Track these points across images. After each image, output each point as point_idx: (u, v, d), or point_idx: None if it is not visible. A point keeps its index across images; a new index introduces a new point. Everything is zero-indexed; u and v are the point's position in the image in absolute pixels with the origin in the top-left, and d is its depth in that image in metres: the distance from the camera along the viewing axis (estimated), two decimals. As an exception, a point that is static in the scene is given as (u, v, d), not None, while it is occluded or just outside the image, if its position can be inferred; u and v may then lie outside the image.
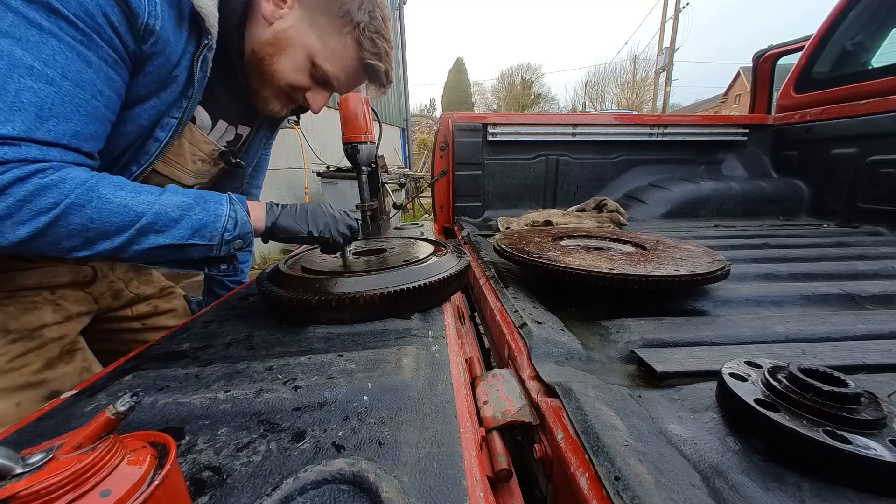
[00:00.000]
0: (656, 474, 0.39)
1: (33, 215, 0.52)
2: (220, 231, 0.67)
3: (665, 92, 19.79)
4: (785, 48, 2.41)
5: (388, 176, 5.79)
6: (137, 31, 0.58)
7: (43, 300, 0.84)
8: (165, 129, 0.71)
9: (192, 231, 0.65)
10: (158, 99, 0.67)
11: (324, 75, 0.80)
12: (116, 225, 0.59)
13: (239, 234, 0.70)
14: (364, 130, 1.23)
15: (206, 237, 0.66)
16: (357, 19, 0.76)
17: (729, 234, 1.73)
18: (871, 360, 0.63)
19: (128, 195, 0.60)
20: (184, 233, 0.64)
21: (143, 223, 0.61)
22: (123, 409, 0.27)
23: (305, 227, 0.77)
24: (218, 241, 0.68)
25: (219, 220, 0.67)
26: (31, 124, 0.51)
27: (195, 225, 0.65)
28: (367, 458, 0.40)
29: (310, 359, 0.61)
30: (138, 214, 0.60)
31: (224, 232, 0.68)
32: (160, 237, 0.63)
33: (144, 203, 0.61)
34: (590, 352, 0.70)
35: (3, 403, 0.73)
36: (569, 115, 2.53)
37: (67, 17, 0.51)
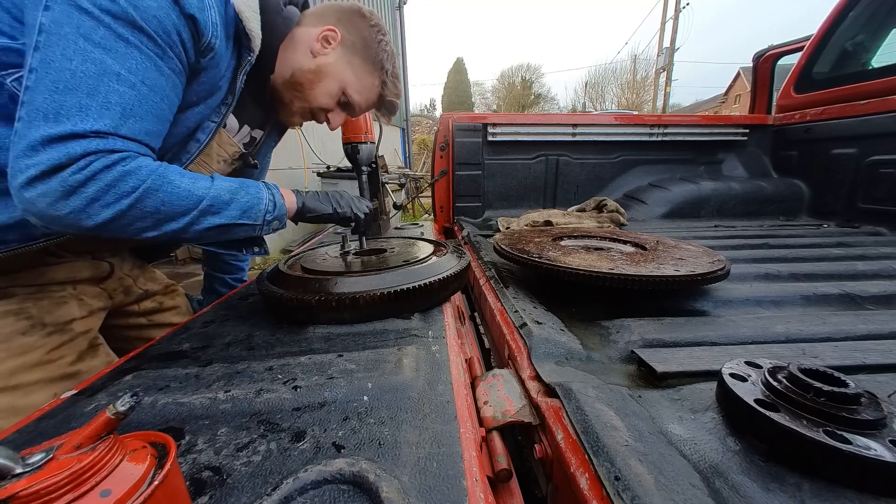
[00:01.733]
0: (656, 474, 0.39)
1: (117, 198, 0.59)
2: (262, 212, 0.76)
3: (665, 92, 19.80)
4: (785, 48, 2.41)
5: (388, 176, 5.79)
6: (200, 47, 0.67)
7: (69, 295, 0.88)
8: (206, 131, 0.80)
9: (241, 212, 0.73)
10: (205, 105, 0.76)
11: (349, 103, 0.94)
12: (182, 207, 0.66)
13: (277, 215, 0.79)
14: (364, 130, 1.23)
15: (252, 217, 0.74)
16: (385, 66, 0.94)
17: (729, 234, 1.73)
18: (871, 361, 0.63)
19: (189, 181, 0.67)
20: (235, 213, 0.72)
21: (204, 205, 0.68)
22: (123, 409, 0.27)
23: (329, 206, 0.89)
24: (261, 221, 0.76)
25: (261, 202, 0.76)
26: (118, 121, 0.58)
27: (243, 206, 0.73)
28: (367, 458, 0.40)
29: (310, 359, 0.61)
30: (199, 198, 0.68)
31: (266, 213, 0.76)
32: (216, 218, 0.70)
33: (203, 188, 0.68)
34: (590, 352, 0.70)
35: (41, 394, 0.77)
36: (569, 116, 2.53)
37: (149, 34, 0.59)
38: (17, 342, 0.76)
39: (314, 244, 1.36)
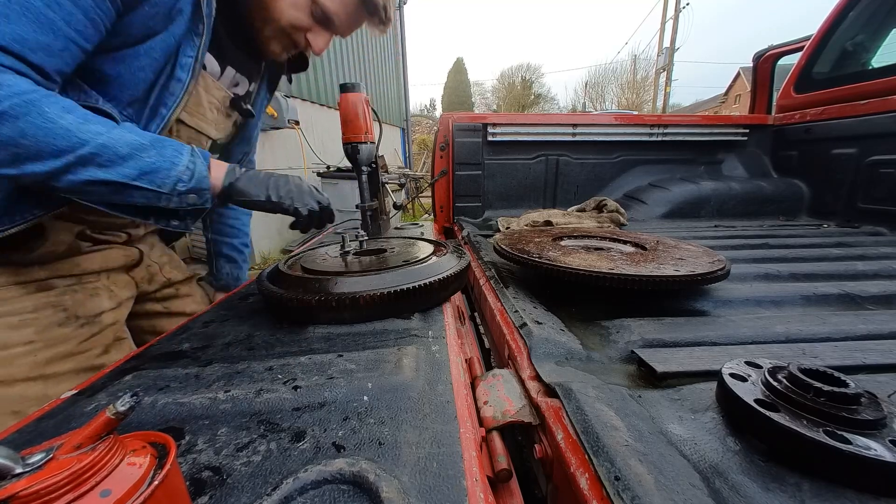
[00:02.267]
0: (656, 474, 0.39)
1: None
2: (173, 180, 0.64)
3: (665, 92, 19.79)
4: (785, 48, 2.41)
5: (388, 176, 5.79)
6: None
7: (102, 286, 0.89)
8: (185, 69, 0.71)
9: (140, 173, 0.61)
10: (168, 32, 0.67)
11: (324, 13, 0.81)
12: (52, 147, 0.55)
13: (194, 188, 0.67)
14: (364, 130, 1.23)
15: (156, 183, 0.63)
16: None
17: (729, 234, 1.73)
18: (871, 361, 0.63)
19: (74, 119, 0.57)
20: (130, 172, 0.61)
21: (84, 152, 0.57)
22: (123, 409, 0.27)
23: (265, 192, 0.75)
24: (169, 190, 0.64)
25: (174, 168, 0.64)
26: None
27: (145, 168, 0.62)
28: (367, 458, 0.40)
29: (310, 359, 0.61)
30: (81, 142, 0.57)
31: (178, 182, 0.65)
32: (101, 171, 0.59)
33: (90, 132, 0.58)
34: (590, 352, 0.70)
35: (69, 384, 0.76)
36: (569, 116, 2.53)
37: None
38: (52, 333, 0.77)
39: (314, 244, 1.36)
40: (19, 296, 0.74)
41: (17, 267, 0.75)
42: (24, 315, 0.74)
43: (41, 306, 0.77)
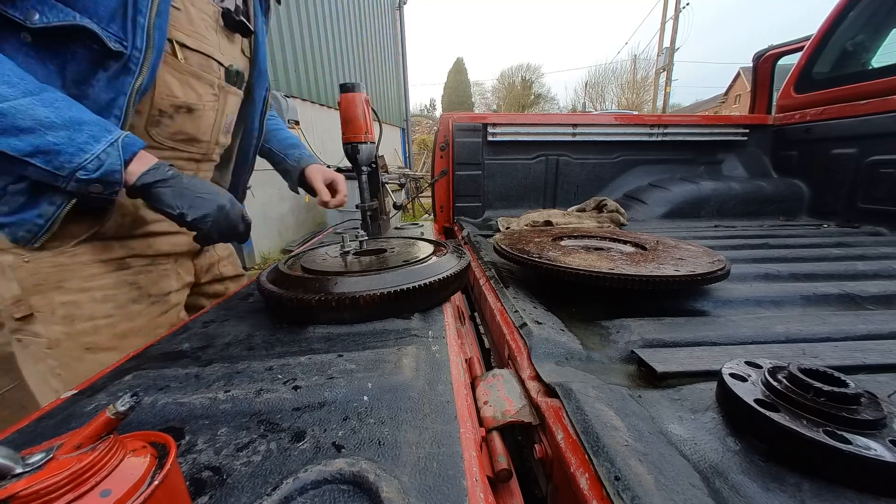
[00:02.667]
0: (656, 474, 0.39)
1: None
2: (73, 166, 0.61)
3: (665, 92, 19.79)
4: (785, 48, 2.41)
5: (388, 176, 5.79)
6: None
7: (171, 268, 0.95)
8: None
9: (35, 150, 0.58)
10: None
11: None
12: None
13: (98, 179, 0.64)
14: (364, 130, 1.23)
15: (53, 164, 0.60)
16: None
17: (729, 234, 1.73)
18: (871, 361, 0.63)
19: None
20: (22, 147, 0.57)
21: None
22: (123, 409, 0.27)
23: (180, 207, 0.72)
24: (66, 174, 0.61)
25: (79, 155, 0.61)
26: None
27: (43, 146, 0.58)
28: (367, 458, 0.40)
29: (310, 359, 0.61)
30: None
31: (79, 170, 0.61)
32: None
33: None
34: (590, 352, 0.70)
35: None
36: (569, 116, 2.53)
37: None
38: (129, 309, 0.84)
39: (314, 244, 1.36)
40: (101, 273, 0.81)
41: (98, 243, 0.81)
42: (105, 290, 0.81)
43: (119, 283, 0.83)
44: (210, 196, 0.76)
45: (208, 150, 0.97)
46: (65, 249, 0.77)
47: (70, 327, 0.79)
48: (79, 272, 0.79)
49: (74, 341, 0.79)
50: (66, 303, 0.78)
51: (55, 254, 0.77)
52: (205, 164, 1.00)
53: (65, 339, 0.79)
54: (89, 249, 0.80)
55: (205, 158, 0.99)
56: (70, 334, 0.79)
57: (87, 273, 0.79)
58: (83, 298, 0.79)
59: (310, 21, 6.57)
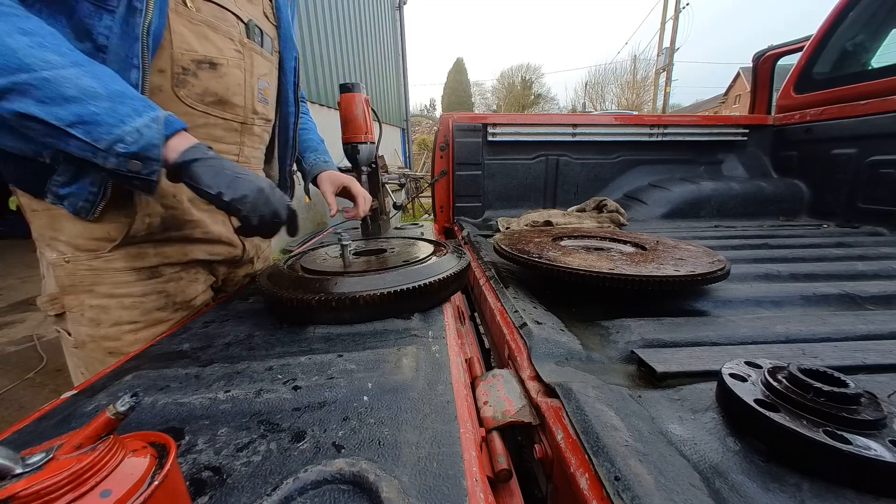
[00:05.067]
0: (656, 474, 0.39)
1: None
2: (112, 138, 0.58)
3: (665, 92, 19.79)
4: (785, 48, 2.41)
5: (388, 176, 5.79)
6: None
7: (202, 272, 0.96)
8: None
9: (78, 120, 0.56)
10: None
11: None
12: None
13: (137, 153, 0.60)
14: (364, 130, 1.23)
15: (92, 136, 0.57)
16: None
17: (729, 234, 1.73)
18: (871, 361, 0.63)
19: (25, 42, 0.53)
20: (65, 116, 0.56)
21: (21, 79, 0.53)
22: (123, 409, 0.27)
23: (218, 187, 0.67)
24: (105, 147, 0.58)
25: (120, 126, 0.58)
26: None
27: (85, 116, 0.56)
28: (367, 458, 0.40)
29: (310, 359, 0.61)
30: (21, 66, 0.52)
31: (117, 142, 0.58)
32: (35, 107, 0.54)
33: (39, 59, 0.53)
34: (590, 352, 0.70)
35: None
36: (569, 116, 2.53)
37: None
38: (153, 315, 0.86)
39: (314, 244, 1.36)
40: (133, 280, 0.83)
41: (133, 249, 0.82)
42: (134, 298, 0.83)
43: (148, 292, 0.85)
44: (249, 178, 0.71)
45: (246, 117, 0.92)
46: (101, 254, 0.79)
47: (95, 330, 0.81)
48: (111, 277, 0.81)
49: (98, 344, 0.82)
50: (95, 306, 0.80)
51: (92, 257, 0.79)
52: (248, 138, 0.95)
53: (89, 340, 0.82)
54: (124, 256, 0.81)
55: (245, 129, 0.93)
56: (94, 337, 0.81)
57: (119, 279, 0.81)
58: (112, 304, 0.81)
59: (310, 21, 6.57)
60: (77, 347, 0.82)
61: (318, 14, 6.87)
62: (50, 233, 0.77)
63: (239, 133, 0.93)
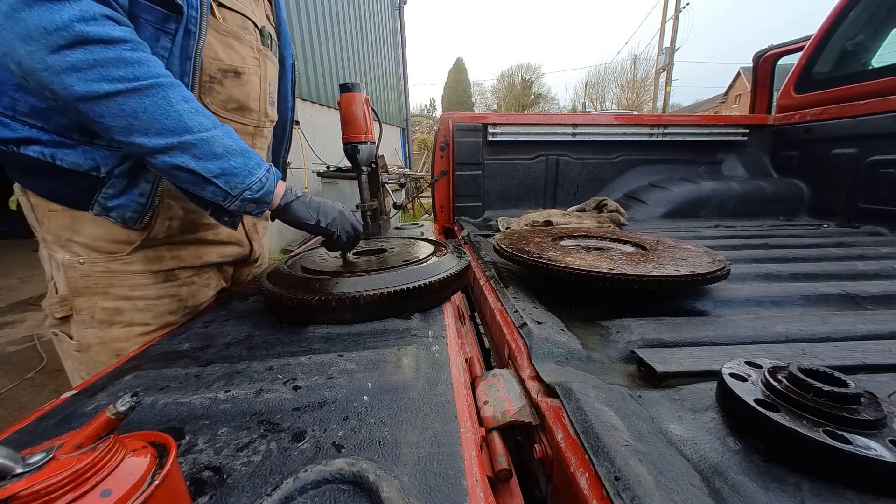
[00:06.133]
0: (656, 474, 0.39)
1: (98, 79, 0.56)
2: (244, 187, 0.70)
3: (665, 92, 19.78)
4: (785, 48, 2.41)
5: (388, 176, 5.78)
6: None
7: (213, 275, 0.98)
8: None
9: (221, 172, 0.67)
10: None
11: None
12: (161, 126, 0.61)
13: (257, 199, 0.73)
14: (364, 130, 1.23)
15: (230, 185, 0.69)
16: None
17: (729, 234, 1.73)
18: (871, 361, 0.63)
19: (188, 108, 0.64)
20: (213, 169, 0.67)
21: (187, 140, 0.63)
22: (123, 409, 0.27)
23: (315, 216, 0.82)
24: (237, 194, 0.70)
25: (250, 177, 0.70)
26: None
27: (227, 170, 0.68)
28: (367, 458, 0.40)
29: (310, 359, 0.61)
30: (186, 129, 0.63)
31: (247, 190, 0.71)
32: (192, 161, 0.65)
33: (197, 123, 0.64)
34: (590, 352, 0.70)
35: None
36: (569, 116, 2.53)
37: None
38: (164, 319, 0.88)
39: (314, 244, 1.36)
40: (149, 283, 0.85)
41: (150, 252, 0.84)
42: (148, 301, 0.85)
43: (162, 295, 0.87)
44: (328, 205, 0.86)
45: (259, 121, 0.98)
46: (119, 256, 0.80)
47: (106, 332, 0.82)
48: (127, 280, 0.82)
49: (106, 346, 0.82)
50: (108, 308, 0.81)
51: (109, 259, 0.80)
52: (259, 140, 1.01)
53: (96, 343, 0.82)
54: (141, 258, 0.83)
55: (257, 132, 0.99)
56: (103, 339, 0.82)
57: (135, 282, 0.83)
58: (126, 306, 0.83)
59: (310, 21, 6.57)
60: (80, 351, 0.82)
61: (318, 14, 6.87)
62: (67, 234, 0.77)
63: (252, 136, 0.97)
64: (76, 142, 0.70)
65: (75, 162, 0.71)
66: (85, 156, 0.71)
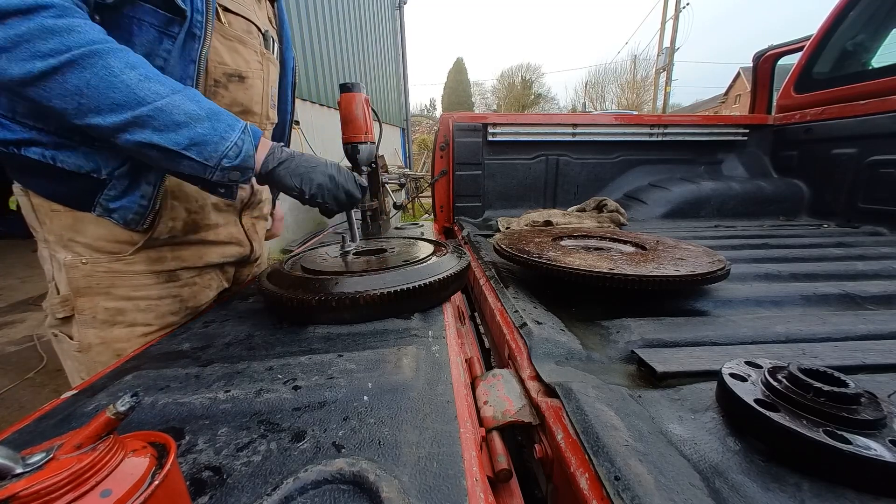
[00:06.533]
0: (656, 474, 0.39)
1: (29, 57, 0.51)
2: (219, 154, 0.65)
3: (665, 92, 19.78)
4: (785, 48, 2.41)
5: (388, 176, 5.78)
6: None
7: (215, 276, 0.98)
8: None
9: (190, 142, 0.62)
10: None
11: None
12: (110, 101, 0.56)
13: (238, 166, 0.68)
14: (364, 130, 1.23)
15: (203, 155, 0.64)
16: None
17: (729, 234, 1.73)
18: (871, 361, 0.63)
19: (135, 76, 0.58)
20: (181, 140, 0.62)
21: (142, 112, 0.58)
22: (123, 409, 0.27)
23: (298, 185, 0.76)
24: (214, 164, 0.65)
25: (223, 142, 0.65)
26: None
27: (195, 138, 0.62)
28: (367, 458, 0.40)
29: (310, 359, 0.61)
30: (139, 101, 0.58)
31: (223, 157, 0.65)
32: (156, 135, 0.60)
33: (150, 92, 0.59)
34: (590, 352, 0.70)
35: None
36: (569, 116, 2.53)
37: None
38: (166, 319, 0.87)
39: (314, 244, 1.36)
40: (151, 283, 0.84)
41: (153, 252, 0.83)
42: (150, 301, 0.84)
43: (164, 295, 0.86)
44: (319, 168, 0.78)
45: (261, 123, 0.97)
46: (122, 256, 0.80)
47: (107, 332, 0.81)
48: (129, 280, 0.81)
49: (107, 346, 0.82)
50: (110, 308, 0.81)
51: (112, 259, 0.79)
52: None
53: (97, 343, 0.81)
54: (144, 259, 0.82)
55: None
56: (105, 339, 0.82)
57: (138, 282, 0.82)
58: (128, 306, 0.82)
59: (310, 21, 6.57)
60: (81, 351, 0.82)
61: (318, 14, 6.87)
62: (70, 234, 0.77)
63: None
64: (77, 143, 0.70)
65: (76, 163, 0.70)
66: (86, 157, 0.71)
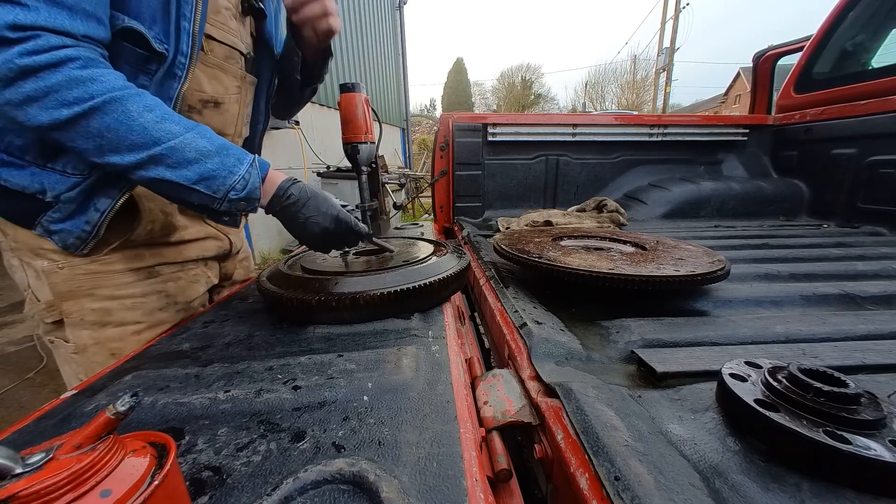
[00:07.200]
0: (656, 474, 0.39)
1: (57, 105, 0.56)
2: (227, 187, 0.68)
3: (665, 92, 19.78)
4: (785, 48, 2.41)
5: (388, 176, 5.79)
6: None
7: (201, 272, 0.98)
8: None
9: (200, 178, 0.66)
10: None
11: None
12: (129, 142, 0.61)
13: (244, 198, 0.70)
14: (364, 130, 1.23)
15: (212, 189, 0.67)
16: None
17: (729, 234, 1.73)
18: (871, 361, 0.63)
19: (152, 119, 0.62)
20: (191, 176, 0.65)
21: (157, 152, 0.62)
22: (123, 409, 0.27)
23: (297, 233, 0.79)
24: (222, 196, 0.68)
25: (231, 177, 0.68)
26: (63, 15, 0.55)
27: (205, 173, 0.66)
28: (367, 458, 0.40)
29: (310, 359, 0.61)
30: (154, 141, 0.62)
31: (231, 190, 0.68)
32: (168, 172, 0.64)
33: (165, 132, 0.63)
34: (590, 352, 0.70)
35: None
36: (569, 116, 2.53)
37: None
38: (156, 316, 0.87)
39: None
40: (132, 281, 0.84)
41: (129, 251, 0.84)
42: (135, 299, 0.84)
43: (148, 292, 0.86)
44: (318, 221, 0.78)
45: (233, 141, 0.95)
46: (98, 257, 0.80)
47: (100, 333, 0.82)
48: (111, 280, 0.81)
49: (102, 347, 0.82)
50: (97, 309, 0.81)
51: (88, 261, 0.79)
52: None
53: (92, 343, 0.82)
54: (121, 258, 0.82)
55: None
56: (99, 340, 0.82)
57: (119, 281, 0.82)
58: (114, 305, 0.82)
59: (310, 21, 6.56)
60: (77, 353, 0.82)
61: (318, 14, 6.86)
62: (37, 242, 0.76)
63: None
64: (27, 163, 0.69)
65: (20, 184, 0.70)
66: (32, 178, 0.70)
